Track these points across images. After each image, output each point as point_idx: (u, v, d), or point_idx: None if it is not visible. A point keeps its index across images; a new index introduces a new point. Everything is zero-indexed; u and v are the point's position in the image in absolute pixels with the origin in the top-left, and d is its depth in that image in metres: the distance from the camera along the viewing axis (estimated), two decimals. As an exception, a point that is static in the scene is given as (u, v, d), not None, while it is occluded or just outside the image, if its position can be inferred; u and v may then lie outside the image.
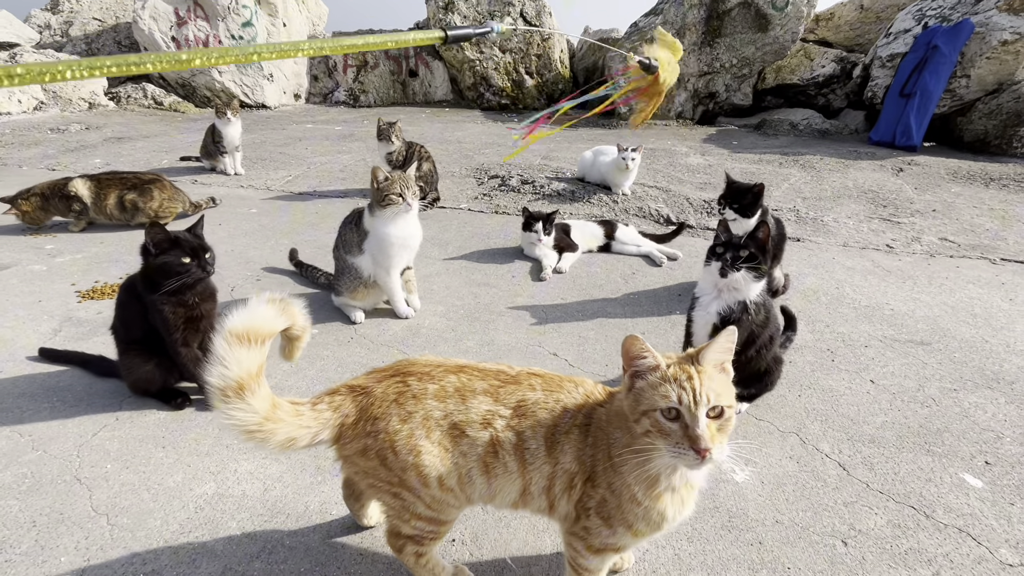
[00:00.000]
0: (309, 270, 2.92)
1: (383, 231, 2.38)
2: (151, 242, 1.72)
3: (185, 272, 1.71)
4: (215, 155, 4.92)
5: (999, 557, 1.43)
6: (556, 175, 4.91)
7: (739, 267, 1.75)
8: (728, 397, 0.99)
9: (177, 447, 1.74)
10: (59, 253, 3.21)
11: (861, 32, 8.55)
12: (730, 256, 1.76)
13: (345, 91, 9.79)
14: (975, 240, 3.70)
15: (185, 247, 1.73)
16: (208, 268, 1.77)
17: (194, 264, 1.73)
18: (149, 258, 1.74)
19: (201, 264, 1.75)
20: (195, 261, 1.74)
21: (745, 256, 1.75)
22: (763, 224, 1.79)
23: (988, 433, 1.89)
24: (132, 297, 1.82)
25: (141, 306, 1.79)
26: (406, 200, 2.32)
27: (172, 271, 1.70)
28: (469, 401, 1.11)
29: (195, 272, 1.73)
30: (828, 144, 6.53)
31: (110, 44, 9.30)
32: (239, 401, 1.00)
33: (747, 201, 2.52)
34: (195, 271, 1.73)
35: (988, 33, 5.89)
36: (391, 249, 2.40)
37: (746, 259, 1.75)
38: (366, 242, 2.44)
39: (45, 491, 1.55)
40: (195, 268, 1.73)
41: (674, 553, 1.42)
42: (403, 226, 2.39)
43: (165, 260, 1.70)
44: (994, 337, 2.51)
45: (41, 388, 2.00)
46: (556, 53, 9.27)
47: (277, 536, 1.43)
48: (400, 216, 2.37)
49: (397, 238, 2.39)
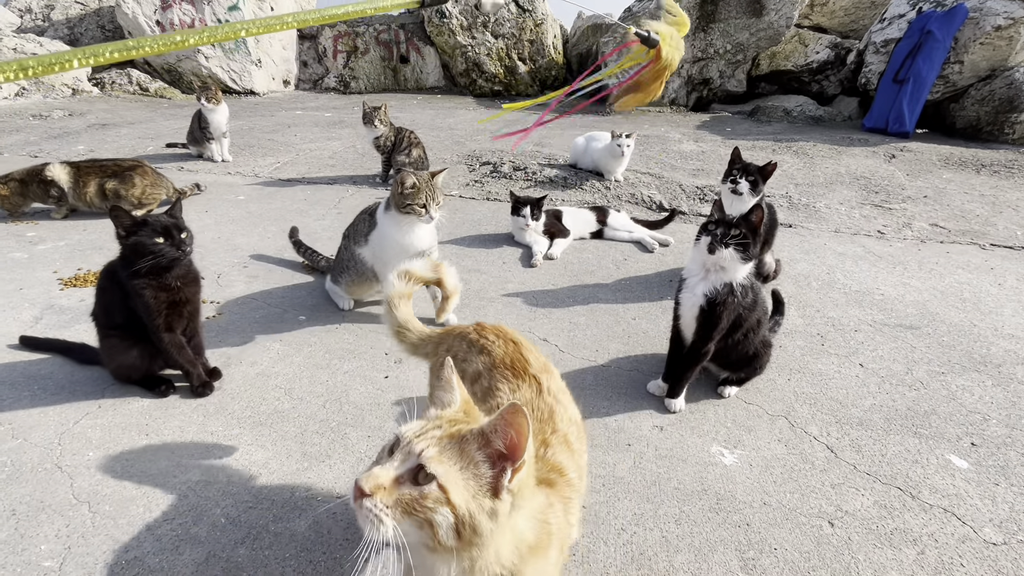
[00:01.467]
0: (309, 252, 2.84)
1: (390, 232, 2.26)
2: (118, 226, 1.68)
3: (159, 252, 1.67)
4: (201, 141, 4.83)
5: (983, 536, 1.44)
6: (548, 161, 4.86)
7: (728, 243, 1.73)
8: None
9: (161, 434, 1.71)
10: (41, 240, 3.15)
11: (856, 17, 8.49)
12: (720, 232, 1.75)
13: (335, 77, 9.64)
14: (965, 226, 3.71)
15: (156, 227, 1.68)
16: (183, 247, 1.73)
17: (167, 243, 1.69)
18: (122, 241, 1.70)
19: (175, 243, 1.71)
20: (168, 240, 1.70)
21: (736, 235, 1.73)
22: (757, 207, 1.77)
23: (974, 415, 1.90)
24: (112, 282, 1.78)
25: (122, 291, 1.75)
26: (428, 213, 2.20)
27: (146, 251, 1.66)
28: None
29: (168, 252, 1.69)
30: (821, 131, 6.52)
31: (93, 28, 9.08)
32: (400, 305, 1.40)
33: (761, 176, 2.52)
34: (168, 251, 1.69)
35: (982, 18, 5.87)
36: (389, 252, 2.27)
37: (737, 238, 1.73)
38: (372, 233, 2.34)
39: (25, 479, 1.52)
40: (168, 247, 1.69)
41: (661, 535, 1.42)
42: (411, 233, 2.25)
43: (137, 240, 1.67)
44: (982, 321, 2.52)
45: (22, 376, 1.96)
46: (549, 39, 9.16)
47: (262, 522, 1.42)
48: (415, 225, 2.24)
49: (400, 244, 2.25)
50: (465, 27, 8.89)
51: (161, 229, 1.69)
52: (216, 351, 2.13)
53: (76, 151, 5.03)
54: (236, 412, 1.82)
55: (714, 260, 1.77)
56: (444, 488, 0.70)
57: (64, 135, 5.65)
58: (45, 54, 1.12)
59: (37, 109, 6.73)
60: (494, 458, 0.74)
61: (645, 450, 1.72)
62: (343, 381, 2.00)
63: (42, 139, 5.47)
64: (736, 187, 2.53)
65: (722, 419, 1.87)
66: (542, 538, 0.81)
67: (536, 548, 0.80)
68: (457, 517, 0.70)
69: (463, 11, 8.84)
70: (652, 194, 4.19)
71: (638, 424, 1.83)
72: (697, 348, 1.85)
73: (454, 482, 0.71)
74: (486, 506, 0.72)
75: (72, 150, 5.07)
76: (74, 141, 5.42)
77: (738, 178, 2.53)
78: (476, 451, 0.74)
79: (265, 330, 2.31)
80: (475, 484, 0.72)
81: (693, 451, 1.72)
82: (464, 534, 0.71)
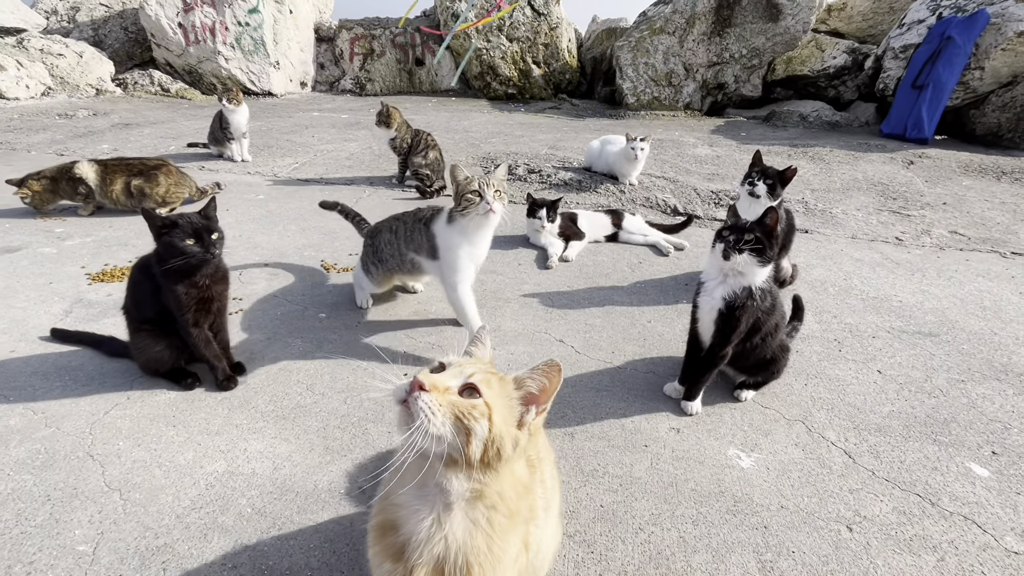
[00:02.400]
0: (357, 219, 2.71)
1: (455, 241, 2.09)
2: (151, 227, 1.73)
3: (189, 254, 1.71)
4: (222, 141, 4.92)
5: (1004, 544, 1.43)
6: (563, 164, 4.88)
7: (742, 250, 1.74)
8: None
9: (188, 426, 1.76)
10: (68, 236, 3.23)
11: (874, 23, 8.42)
12: (734, 239, 1.76)
13: (351, 79, 9.75)
14: (986, 234, 3.67)
15: (187, 229, 1.73)
16: (212, 250, 1.77)
17: (197, 245, 1.73)
18: (156, 239, 1.75)
19: (205, 245, 1.75)
20: (199, 243, 1.74)
21: (750, 240, 1.74)
22: (771, 210, 1.77)
23: (995, 424, 1.89)
24: (145, 276, 1.83)
25: (154, 285, 1.80)
26: (484, 198, 1.97)
27: (176, 251, 1.71)
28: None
29: (198, 254, 1.73)
30: (838, 136, 6.47)
31: (117, 30, 9.28)
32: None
33: (780, 180, 2.52)
34: (198, 252, 1.73)
35: (1004, 24, 5.80)
36: (460, 262, 2.10)
37: (751, 243, 1.74)
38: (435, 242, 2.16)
39: (59, 467, 1.57)
40: (197, 249, 1.73)
41: (679, 535, 1.43)
42: (476, 237, 2.08)
43: (169, 240, 1.71)
44: (1003, 330, 2.49)
45: (53, 367, 2.02)
46: (564, 43, 9.19)
47: (287, 513, 1.45)
48: (478, 225, 2.06)
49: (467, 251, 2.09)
50: (481, 31, 8.95)
51: (192, 231, 1.73)
52: (239, 347, 2.17)
53: (100, 150, 5.15)
54: (259, 406, 1.87)
55: (730, 266, 1.78)
56: (489, 406, 0.82)
57: (89, 134, 5.79)
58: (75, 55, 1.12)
59: (63, 108, 6.90)
60: (525, 400, 0.88)
61: (662, 451, 1.73)
62: (363, 377, 2.04)
63: (68, 138, 5.61)
64: (754, 189, 2.53)
65: (739, 422, 1.87)
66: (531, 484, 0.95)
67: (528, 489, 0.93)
68: (491, 434, 0.81)
69: (479, 15, 8.90)
70: (667, 198, 4.20)
71: (655, 426, 1.84)
72: (714, 352, 1.86)
73: (496, 405, 0.83)
74: (512, 433, 0.84)
75: (97, 149, 5.19)
76: (98, 140, 5.55)
77: (756, 180, 2.53)
78: (513, 390, 0.88)
79: (287, 327, 2.36)
80: (508, 413, 0.86)
81: (710, 453, 1.72)
82: (489, 453, 0.82)
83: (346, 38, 9.64)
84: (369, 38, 9.57)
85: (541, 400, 0.88)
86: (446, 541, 0.84)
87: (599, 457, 1.69)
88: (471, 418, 0.80)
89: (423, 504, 0.86)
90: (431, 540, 0.84)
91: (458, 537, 0.84)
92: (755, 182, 2.53)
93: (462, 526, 0.85)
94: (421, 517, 0.85)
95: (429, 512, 0.85)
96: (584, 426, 1.83)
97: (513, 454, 0.84)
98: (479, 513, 0.85)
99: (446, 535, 0.84)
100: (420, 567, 0.84)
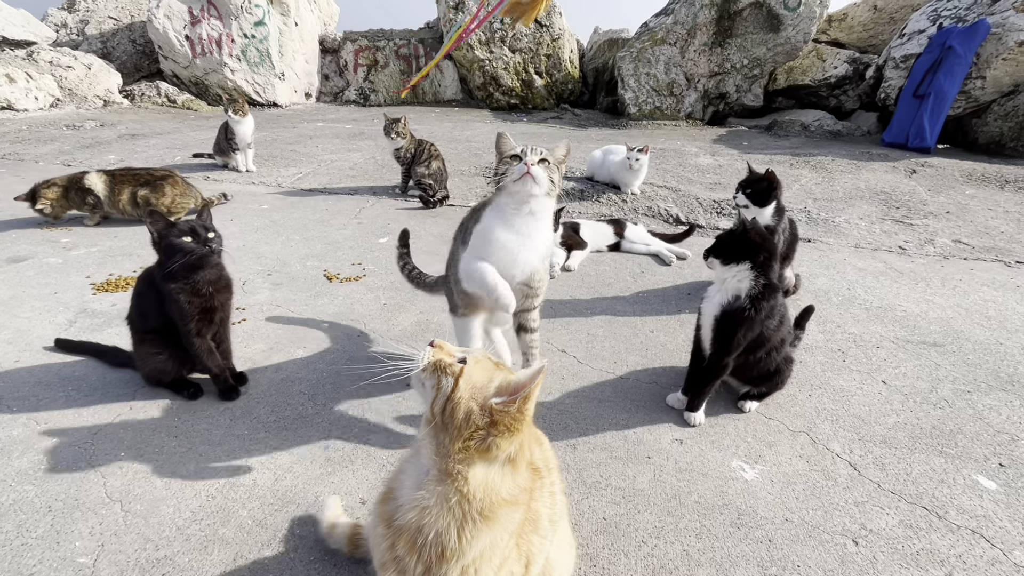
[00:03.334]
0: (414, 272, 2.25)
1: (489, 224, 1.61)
2: (152, 229, 1.76)
3: (187, 249, 1.74)
4: (227, 152, 4.97)
5: (1013, 559, 1.41)
6: (566, 174, 4.90)
7: (707, 255, 1.86)
8: None
9: (189, 437, 1.76)
10: (74, 246, 3.26)
11: (875, 33, 8.47)
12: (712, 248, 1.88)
13: (355, 90, 9.85)
14: (990, 243, 3.66)
15: (183, 227, 1.76)
16: (210, 244, 1.79)
17: (195, 241, 1.76)
18: (156, 246, 1.77)
19: (201, 240, 1.77)
20: (195, 239, 1.76)
21: (712, 247, 1.85)
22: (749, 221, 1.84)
23: (1002, 435, 1.87)
24: (150, 287, 1.84)
25: (158, 296, 1.81)
26: (524, 159, 1.52)
27: (175, 250, 1.73)
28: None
29: (196, 248, 1.75)
30: (840, 145, 6.48)
31: (125, 43, 9.42)
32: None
33: (760, 188, 2.54)
34: (195, 247, 1.75)
35: (1004, 34, 5.82)
36: (490, 247, 1.59)
37: (714, 250, 1.84)
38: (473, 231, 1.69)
39: (60, 477, 1.57)
40: (195, 244, 1.76)
41: (682, 549, 1.42)
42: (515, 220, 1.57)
43: (168, 241, 1.74)
44: (1009, 340, 2.47)
45: (57, 377, 2.03)
46: (566, 53, 9.27)
47: (288, 525, 1.45)
48: (516, 200, 1.56)
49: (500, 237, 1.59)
50: (483, 41, 9.04)
51: (188, 229, 1.77)
52: (242, 356, 2.18)
53: (107, 160, 5.21)
54: (261, 416, 1.86)
55: (718, 274, 1.86)
56: (462, 372, 0.93)
57: (96, 145, 5.85)
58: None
59: (70, 120, 6.98)
60: (501, 391, 0.93)
61: (665, 463, 1.71)
62: (365, 388, 2.03)
63: (75, 148, 5.67)
64: (736, 200, 2.63)
65: (742, 434, 1.86)
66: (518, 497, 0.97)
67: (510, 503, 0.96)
68: (452, 394, 0.91)
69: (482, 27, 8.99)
70: (669, 207, 4.21)
71: (657, 437, 1.83)
72: (715, 361, 1.86)
73: (469, 375, 0.93)
74: (471, 406, 0.92)
75: (103, 159, 5.24)
76: (105, 151, 5.61)
77: (736, 193, 2.63)
78: (496, 376, 0.96)
79: (289, 337, 2.37)
80: (477, 390, 0.93)
81: (713, 465, 1.71)
82: (446, 412, 0.92)
83: (350, 49, 9.75)
84: (373, 50, 9.67)
85: (514, 392, 0.92)
86: (419, 508, 0.92)
87: (602, 469, 1.68)
88: (443, 372, 0.94)
89: (413, 469, 0.99)
90: (410, 504, 0.94)
91: (430, 507, 0.92)
92: (735, 194, 2.64)
93: (435, 496, 0.92)
94: (408, 483, 0.98)
95: (415, 477, 0.97)
96: (586, 437, 1.82)
97: (465, 426, 0.91)
98: (451, 492, 0.91)
99: (419, 501, 0.93)
100: (402, 534, 0.93)
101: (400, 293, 2.79)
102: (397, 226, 3.86)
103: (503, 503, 0.93)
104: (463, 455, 0.91)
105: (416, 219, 3.94)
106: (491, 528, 0.92)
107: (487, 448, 0.91)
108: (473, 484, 0.91)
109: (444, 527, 0.91)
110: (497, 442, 0.91)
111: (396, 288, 2.85)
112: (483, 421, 0.91)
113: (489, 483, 0.93)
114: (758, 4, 7.31)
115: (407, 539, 0.93)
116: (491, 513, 0.92)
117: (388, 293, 2.80)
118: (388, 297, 2.75)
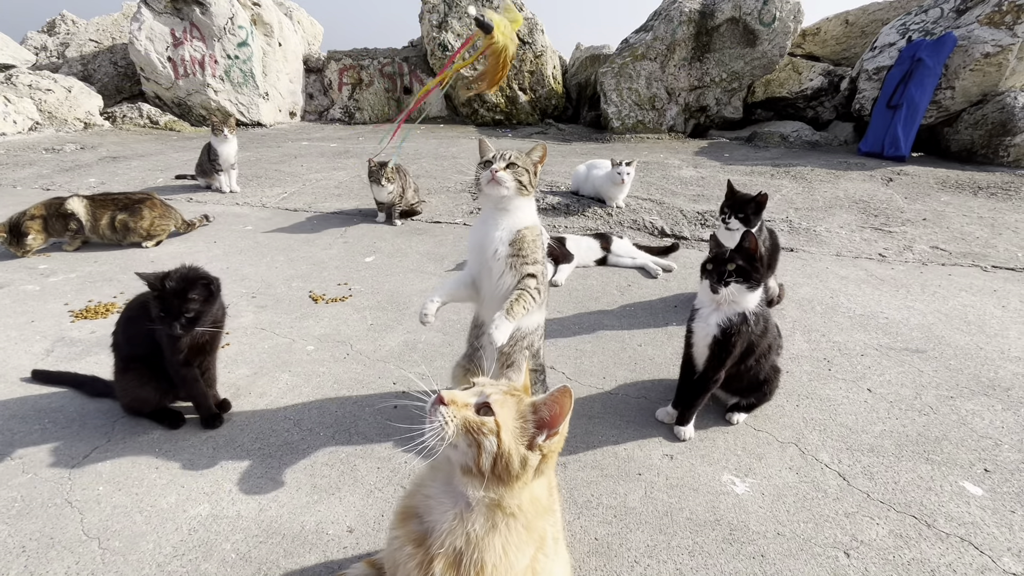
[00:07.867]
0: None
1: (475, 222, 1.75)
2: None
3: (158, 326, 1.68)
4: (210, 173, 4.93)
5: (1002, 566, 1.42)
6: (551, 189, 4.94)
7: (727, 282, 1.75)
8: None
9: (171, 468, 1.71)
10: (52, 273, 3.19)
11: (847, 46, 8.72)
12: (717, 273, 1.77)
13: (340, 108, 9.88)
14: (966, 248, 3.74)
15: (158, 304, 1.67)
16: (178, 330, 1.67)
17: (166, 321, 1.67)
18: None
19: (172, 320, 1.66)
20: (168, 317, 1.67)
21: (733, 270, 1.75)
22: (748, 233, 1.79)
23: (986, 440, 1.89)
24: (142, 314, 1.77)
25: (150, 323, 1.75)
26: (492, 165, 1.63)
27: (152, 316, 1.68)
28: None
29: (163, 330, 1.69)
30: (818, 155, 6.63)
31: (106, 65, 9.37)
32: None
33: (750, 211, 2.53)
34: (162, 329, 1.69)
35: (970, 46, 6.03)
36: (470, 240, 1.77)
37: (736, 272, 1.75)
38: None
39: (35, 515, 1.52)
40: (162, 326, 1.68)
41: (676, 568, 1.41)
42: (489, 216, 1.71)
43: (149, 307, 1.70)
44: (988, 344, 2.52)
45: (32, 410, 1.97)
46: (549, 69, 9.40)
47: (272, 558, 1.41)
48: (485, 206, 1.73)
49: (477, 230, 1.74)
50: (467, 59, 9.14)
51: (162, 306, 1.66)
52: (225, 381, 2.14)
53: (87, 184, 5.14)
54: (245, 444, 1.83)
55: (718, 299, 1.79)
56: (499, 424, 0.91)
57: (76, 168, 5.78)
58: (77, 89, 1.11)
59: (50, 143, 6.90)
60: (538, 423, 0.95)
61: (656, 479, 1.71)
62: (352, 412, 2.00)
63: (54, 172, 5.59)
64: (727, 224, 2.58)
65: (732, 447, 1.86)
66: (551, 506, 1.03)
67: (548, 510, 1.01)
68: (500, 450, 0.90)
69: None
70: (654, 220, 4.25)
71: (648, 453, 1.83)
72: (708, 376, 1.86)
73: (506, 424, 0.92)
74: (522, 452, 0.92)
75: (84, 182, 5.18)
76: (85, 174, 5.54)
77: (728, 217, 2.58)
78: (529, 413, 0.95)
79: (274, 360, 2.33)
80: (519, 434, 0.93)
81: (704, 480, 1.71)
82: (499, 466, 0.91)
83: (335, 69, 9.80)
84: (358, 68, 9.73)
85: (553, 424, 0.94)
86: (467, 536, 0.92)
87: (592, 487, 1.67)
88: (480, 433, 0.90)
89: (448, 499, 0.97)
90: (453, 532, 0.93)
91: (478, 534, 0.93)
92: (727, 219, 2.58)
93: (482, 525, 0.93)
94: (445, 510, 0.96)
95: (453, 507, 0.96)
96: (576, 455, 1.81)
97: (523, 472, 0.92)
98: (499, 518, 0.94)
99: (467, 530, 0.93)
100: (440, 556, 0.93)
101: (387, 313, 2.77)
102: (384, 245, 3.87)
103: (542, 511, 0.98)
104: (521, 487, 0.94)
105: (403, 237, 3.93)
106: (532, 538, 0.96)
107: (541, 473, 0.96)
108: (524, 504, 0.95)
109: (492, 546, 0.93)
110: (549, 464, 0.96)
111: (383, 308, 2.83)
112: (538, 460, 0.94)
113: (534, 496, 0.97)
114: (735, 20, 7.50)
115: (447, 561, 0.93)
116: (534, 522, 0.96)
117: (375, 313, 2.78)
118: (375, 317, 2.73)
